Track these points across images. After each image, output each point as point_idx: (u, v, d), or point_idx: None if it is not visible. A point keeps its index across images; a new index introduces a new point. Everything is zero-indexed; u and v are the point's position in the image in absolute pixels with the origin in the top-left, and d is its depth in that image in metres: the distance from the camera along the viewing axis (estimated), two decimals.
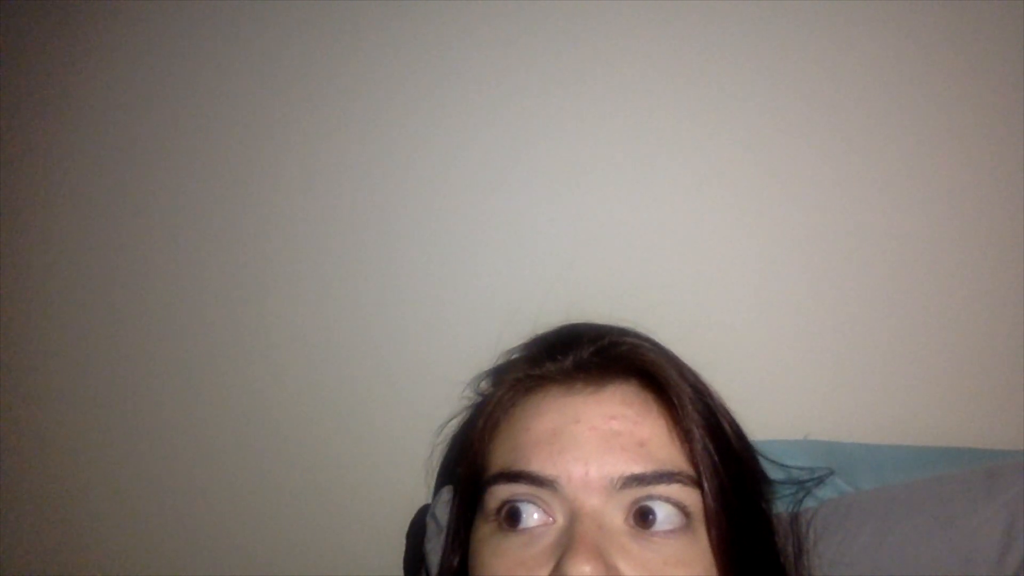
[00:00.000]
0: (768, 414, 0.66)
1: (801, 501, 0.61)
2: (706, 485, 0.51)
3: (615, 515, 0.50)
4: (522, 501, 0.51)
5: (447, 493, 0.66)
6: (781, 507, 0.60)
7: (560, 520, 0.51)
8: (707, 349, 0.59)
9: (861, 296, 0.72)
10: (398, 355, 0.76)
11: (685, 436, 0.52)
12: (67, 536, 0.80)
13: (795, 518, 0.60)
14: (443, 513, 0.65)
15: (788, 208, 0.72)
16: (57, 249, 0.80)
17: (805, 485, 0.61)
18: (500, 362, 0.64)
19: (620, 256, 0.74)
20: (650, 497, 0.50)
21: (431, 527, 0.66)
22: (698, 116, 0.73)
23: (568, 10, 0.74)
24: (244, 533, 0.77)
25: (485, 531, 0.54)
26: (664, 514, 0.50)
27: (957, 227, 0.71)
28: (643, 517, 0.50)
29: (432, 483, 0.70)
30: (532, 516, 0.51)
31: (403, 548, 0.73)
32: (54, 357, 0.80)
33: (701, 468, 0.52)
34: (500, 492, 0.53)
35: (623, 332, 0.59)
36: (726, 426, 0.56)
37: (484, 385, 0.66)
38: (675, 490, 0.51)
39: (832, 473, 0.62)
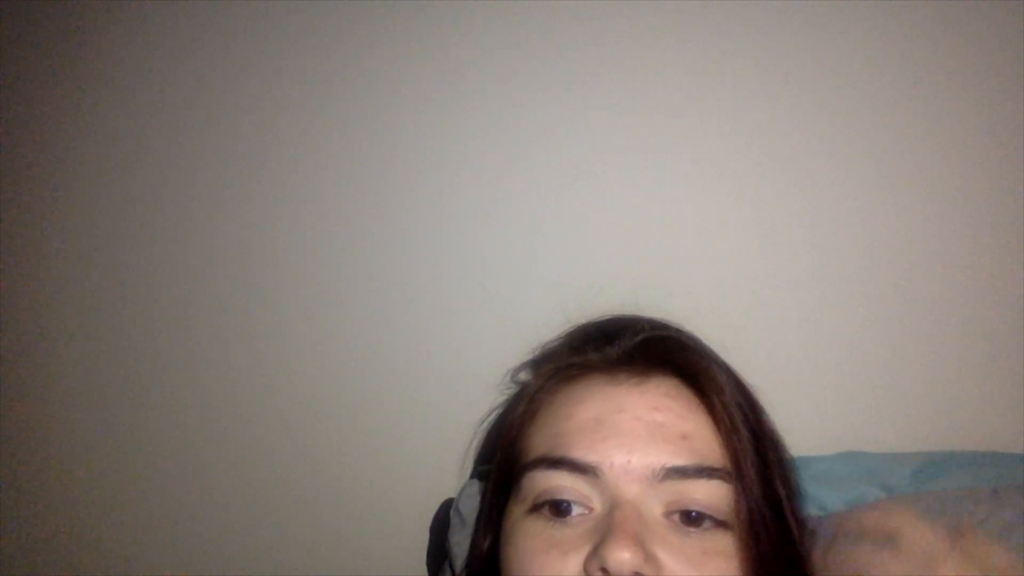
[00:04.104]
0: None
1: None
2: (746, 484, 0.52)
3: (654, 506, 0.51)
4: (563, 499, 0.51)
5: (471, 487, 0.67)
6: None
7: (598, 508, 0.51)
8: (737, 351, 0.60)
9: (873, 299, 0.73)
10: (421, 351, 0.76)
11: (727, 434, 0.53)
12: (74, 539, 0.79)
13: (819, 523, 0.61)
14: (467, 507, 0.66)
15: (793, 207, 0.74)
16: (61, 249, 0.80)
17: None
18: (538, 353, 0.65)
19: (651, 252, 0.75)
20: (692, 500, 0.51)
21: (455, 520, 0.66)
22: (712, 114, 0.74)
23: (572, 9, 0.74)
24: (264, 530, 0.77)
25: (519, 514, 0.54)
26: (703, 513, 0.51)
27: (965, 225, 0.72)
28: (683, 516, 0.51)
29: (469, 473, 0.71)
30: (572, 510, 0.51)
31: (426, 542, 0.73)
32: (58, 358, 0.79)
33: (742, 466, 0.52)
34: (539, 477, 0.53)
35: (665, 326, 0.60)
36: (766, 428, 0.57)
37: (523, 375, 0.67)
38: (715, 487, 0.51)
39: None
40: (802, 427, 0.69)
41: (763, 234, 0.74)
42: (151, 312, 0.79)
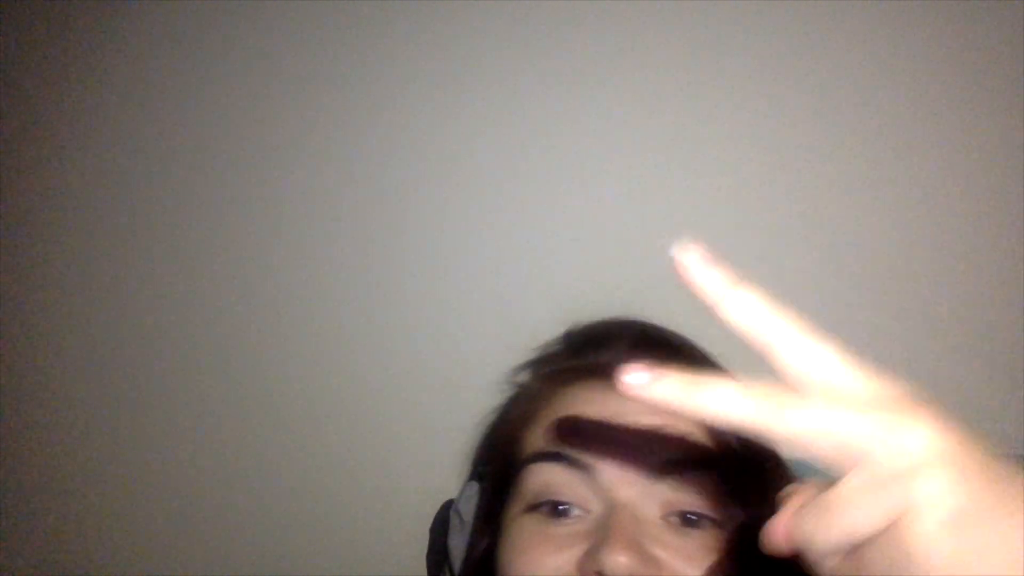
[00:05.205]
0: None
1: None
2: (740, 479, 0.52)
3: (652, 508, 0.51)
4: (561, 500, 0.52)
5: (470, 488, 0.67)
6: None
7: (596, 509, 0.51)
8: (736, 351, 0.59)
9: (872, 300, 0.73)
10: (421, 351, 0.76)
11: (719, 433, 0.53)
12: (74, 539, 0.80)
13: None
14: (467, 508, 0.66)
15: (793, 207, 0.74)
16: (61, 249, 0.80)
17: None
18: (537, 355, 0.65)
19: (652, 253, 0.73)
20: (688, 500, 0.51)
21: (455, 522, 0.66)
22: (712, 115, 0.75)
23: (571, 9, 0.75)
24: (264, 531, 0.78)
25: (516, 511, 0.54)
26: (702, 513, 0.51)
27: (965, 225, 0.73)
28: (682, 518, 0.51)
29: (465, 474, 0.71)
30: (570, 512, 0.52)
31: (426, 543, 0.73)
32: (59, 358, 0.80)
33: (735, 463, 0.52)
34: (537, 471, 0.53)
35: (660, 330, 0.61)
36: None
37: (522, 376, 0.67)
38: (712, 480, 0.51)
39: None
40: None
41: (763, 234, 0.74)
42: (151, 312, 0.79)
